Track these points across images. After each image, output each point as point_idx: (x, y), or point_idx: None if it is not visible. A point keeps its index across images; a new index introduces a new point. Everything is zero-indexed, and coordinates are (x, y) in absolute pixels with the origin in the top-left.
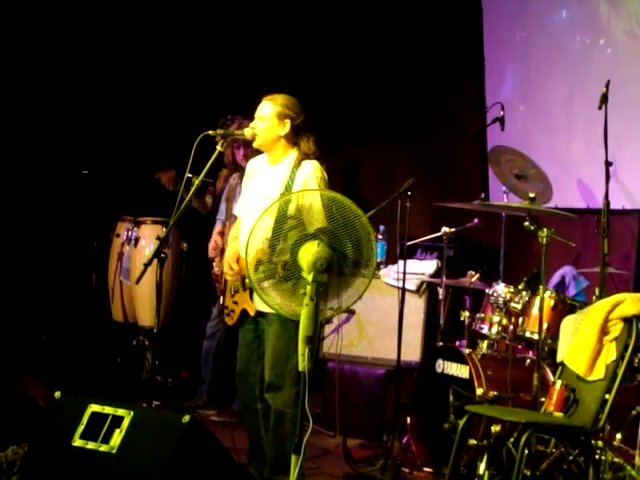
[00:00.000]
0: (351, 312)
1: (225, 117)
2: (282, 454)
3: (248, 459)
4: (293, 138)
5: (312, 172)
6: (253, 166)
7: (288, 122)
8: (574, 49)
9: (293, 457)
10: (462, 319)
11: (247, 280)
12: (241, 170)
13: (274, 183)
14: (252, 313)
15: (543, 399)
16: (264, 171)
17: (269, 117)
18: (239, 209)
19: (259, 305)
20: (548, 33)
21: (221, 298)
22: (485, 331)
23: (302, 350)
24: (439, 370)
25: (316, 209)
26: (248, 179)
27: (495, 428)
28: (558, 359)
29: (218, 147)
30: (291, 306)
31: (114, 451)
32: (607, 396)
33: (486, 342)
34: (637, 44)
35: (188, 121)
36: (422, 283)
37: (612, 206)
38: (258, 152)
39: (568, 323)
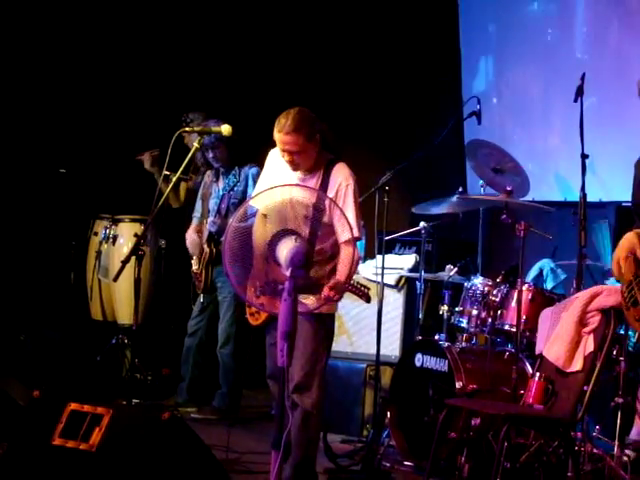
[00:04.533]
0: None
1: (185, 115)
2: (307, 457)
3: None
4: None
5: (344, 181)
6: (277, 158)
7: (317, 136)
8: (546, 41)
9: (273, 452)
10: (441, 313)
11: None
12: (214, 169)
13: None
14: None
15: (522, 391)
16: (291, 175)
17: (301, 145)
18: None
19: None
20: (521, 25)
21: (201, 296)
22: (464, 324)
23: (281, 345)
24: (418, 364)
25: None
26: (271, 169)
27: (475, 421)
28: (537, 351)
29: (195, 144)
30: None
31: (94, 449)
32: (586, 387)
33: (465, 335)
34: (609, 36)
35: (164, 119)
36: (401, 278)
37: (589, 199)
38: (229, 152)
39: (546, 315)
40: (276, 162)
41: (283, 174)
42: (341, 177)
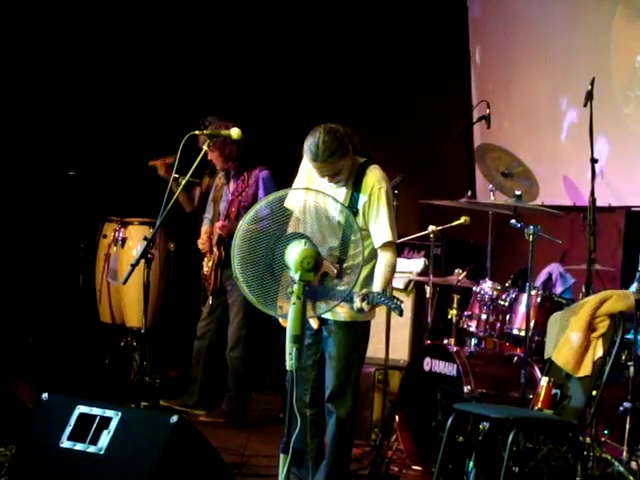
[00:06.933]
0: None
1: (204, 119)
2: (341, 464)
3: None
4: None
5: (377, 184)
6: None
7: (349, 147)
8: (555, 44)
9: (282, 456)
10: (449, 317)
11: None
12: (225, 171)
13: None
14: (316, 326)
15: (531, 396)
16: (323, 181)
17: (340, 166)
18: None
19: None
20: (531, 29)
21: (210, 298)
22: (472, 329)
23: (290, 349)
24: (427, 368)
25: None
26: (305, 175)
27: (483, 425)
28: (545, 356)
29: (205, 147)
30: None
31: (102, 452)
32: (594, 392)
33: (473, 340)
34: (621, 38)
35: (173, 121)
36: (409, 281)
37: (598, 203)
38: (223, 157)
39: (555, 320)
40: (310, 168)
41: (316, 181)
42: (374, 180)
